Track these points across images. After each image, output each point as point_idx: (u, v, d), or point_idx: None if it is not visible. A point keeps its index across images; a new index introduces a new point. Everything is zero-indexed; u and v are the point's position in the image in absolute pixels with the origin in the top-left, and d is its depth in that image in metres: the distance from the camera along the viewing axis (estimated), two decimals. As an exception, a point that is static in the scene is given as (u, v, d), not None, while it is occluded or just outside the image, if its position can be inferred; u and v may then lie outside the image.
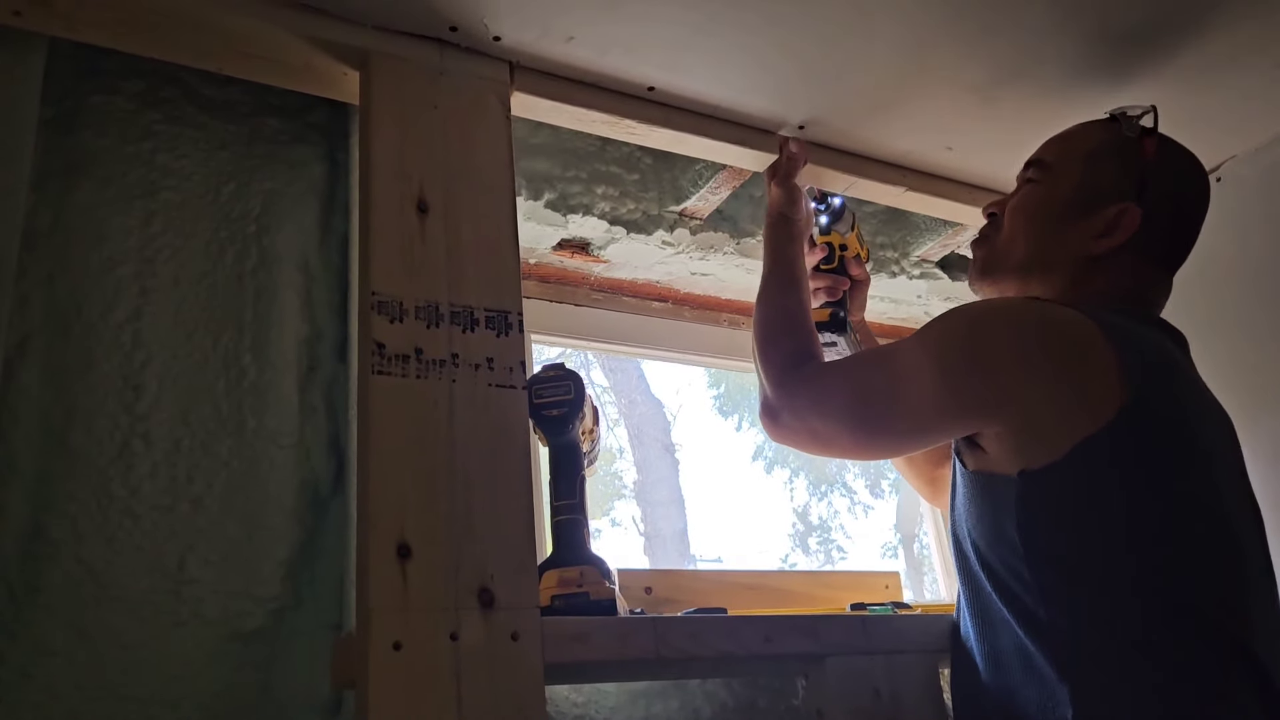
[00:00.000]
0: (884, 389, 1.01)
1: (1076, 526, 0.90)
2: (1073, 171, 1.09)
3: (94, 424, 0.99)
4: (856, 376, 1.07)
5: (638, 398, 6.82)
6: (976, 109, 1.31)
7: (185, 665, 0.95)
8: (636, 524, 6.38)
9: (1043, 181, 1.11)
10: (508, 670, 0.89)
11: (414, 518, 0.90)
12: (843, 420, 1.05)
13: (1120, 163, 1.07)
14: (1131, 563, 0.88)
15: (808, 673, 1.11)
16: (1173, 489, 0.90)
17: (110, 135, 1.10)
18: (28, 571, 0.93)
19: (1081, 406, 0.90)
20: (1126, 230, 1.04)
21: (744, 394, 7.16)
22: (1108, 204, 1.05)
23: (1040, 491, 0.91)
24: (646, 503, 6.62)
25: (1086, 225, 1.06)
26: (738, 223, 1.55)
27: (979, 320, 0.99)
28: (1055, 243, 1.08)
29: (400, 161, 1.02)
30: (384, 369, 0.94)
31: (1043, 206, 1.10)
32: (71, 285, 1.03)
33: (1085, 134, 1.12)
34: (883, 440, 1.06)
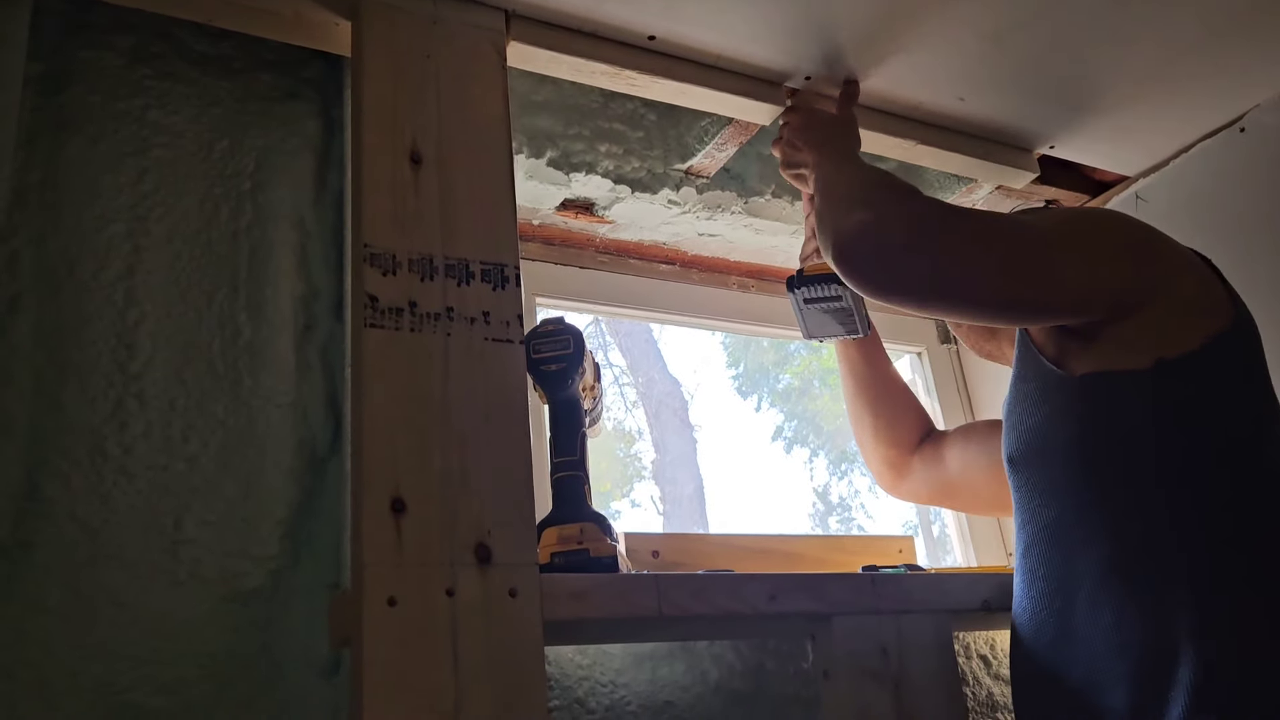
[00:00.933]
0: (1044, 251, 0.97)
1: (1207, 421, 0.91)
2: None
3: (87, 382, 0.98)
4: (1008, 230, 0.99)
5: (655, 376, 6.79)
6: (991, 56, 1.27)
7: (183, 625, 0.94)
8: (655, 504, 6.38)
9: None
10: (506, 627, 0.87)
11: (408, 472, 0.88)
12: (983, 268, 0.96)
13: None
14: (1261, 458, 0.91)
15: (815, 633, 1.08)
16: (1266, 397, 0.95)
17: (100, 92, 1.08)
18: (22, 529, 0.91)
19: (1210, 309, 0.95)
20: None
21: (762, 373, 7.12)
22: None
23: (1177, 381, 0.92)
24: (665, 482, 6.61)
25: None
26: (745, 181, 1.51)
27: (1134, 220, 1.04)
28: None
29: (393, 112, 1.00)
30: (377, 322, 0.92)
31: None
32: (63, 243, 1.01)
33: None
34: (1017, 306, 0.98)
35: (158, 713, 0.91)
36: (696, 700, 1.16)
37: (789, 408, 7.13)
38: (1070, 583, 0.95)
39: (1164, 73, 1.33)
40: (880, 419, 1.38)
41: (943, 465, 1.36)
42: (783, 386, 7.20)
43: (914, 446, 1.38)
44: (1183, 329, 0.93)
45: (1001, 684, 1.38)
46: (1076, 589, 0.94)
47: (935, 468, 1.36)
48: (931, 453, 1.37)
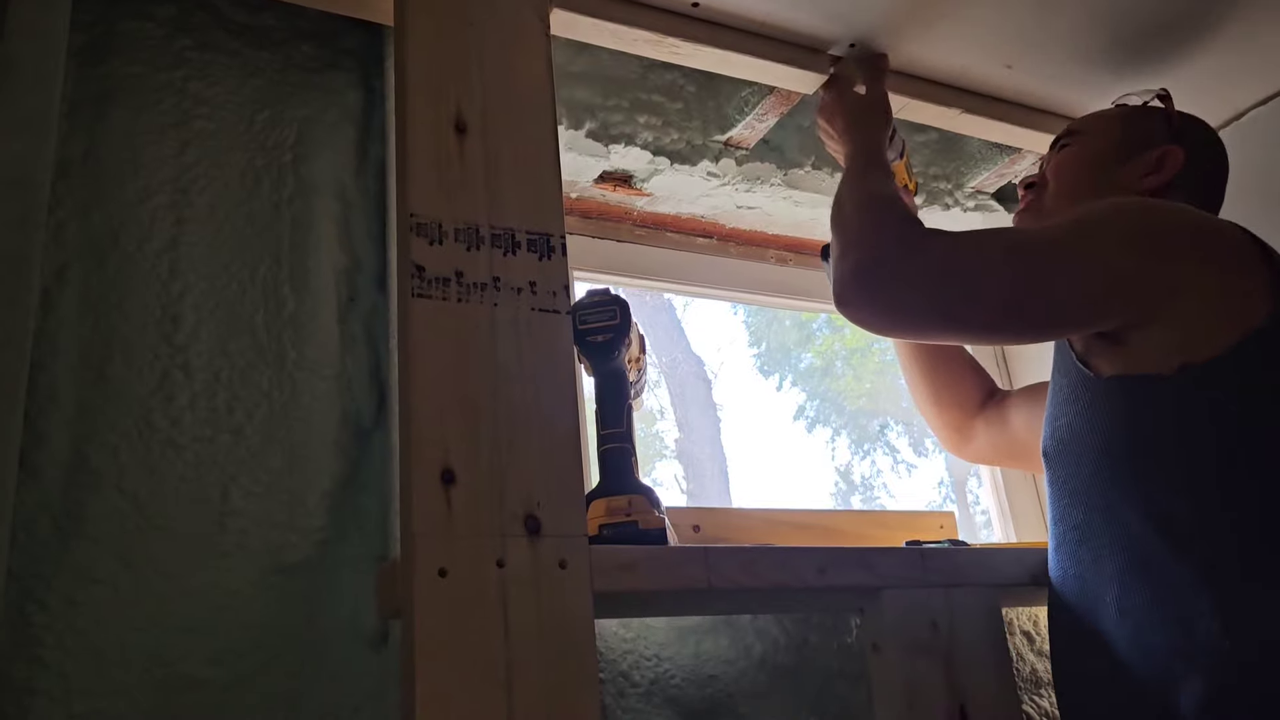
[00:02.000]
0: (1051, 260, 0.94)
1: (1236, 424, 0.88)
2: (1109, 129, 1.14)
3: (133, 354, 0.98)
4: (1014, 244, 0.97)
5: (679, 356, 6.79)
6: (1038, 20, 1.24)
7: (230, 596, 0.94)
8: (679, 483, 6.39)
9: (1079, 144, 1.14)
10: (556, 598, 0.86)
11: (457, 443, 0.87)
12: (987, 288, 0.95)
13: (1151, 120, 1.14)
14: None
15: (863, 607, 1.07)
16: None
17: (141, 63, 1.08)
18: (71, 501, 0.92)
19: (1242, 304, 0.89)
20: (1171, 169, 1.07)
21: (784, 353, 7.10)
22: (1149, 149, 1.09)
23: (1202, 387, 0.88)
24: (689, 461, 6.62)
25: (1134, 166, 1.09)
26: (785, 152, 1.49)
27: (1153, 209, 0.97)
28: (1112, 180, 1.09)
29: (437, 80, 0.99)
30: (424, 292, 0.91)
31: (1085, 159, 1.13)
32: (107, 215, 1.01)
33: (1113, 109, 1.19)
34: (1024, 324, 0.97)
35: (207, 683, 0.91)
36: (740, 674, 1.15)
37: (811, 387, 7.11)
38: (1098, 586, 0.94)
39: (1212, 40, 1.30)
40: (938, 382, 1.36)
41: (1007, 426, 1.33)
42: (805, 366, 7.19)
43: (977, 408, 1.35)
44: (1210, 330, 0.89)
45: (1045, 660, 1.37)
46: (1104, 593, 0.93)
47: (1000, 429, 1.33)
48: (995, 414, 1.34)
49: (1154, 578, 0.88)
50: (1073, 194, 1.11)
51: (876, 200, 1.04)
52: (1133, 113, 1.16)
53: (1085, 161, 1.13)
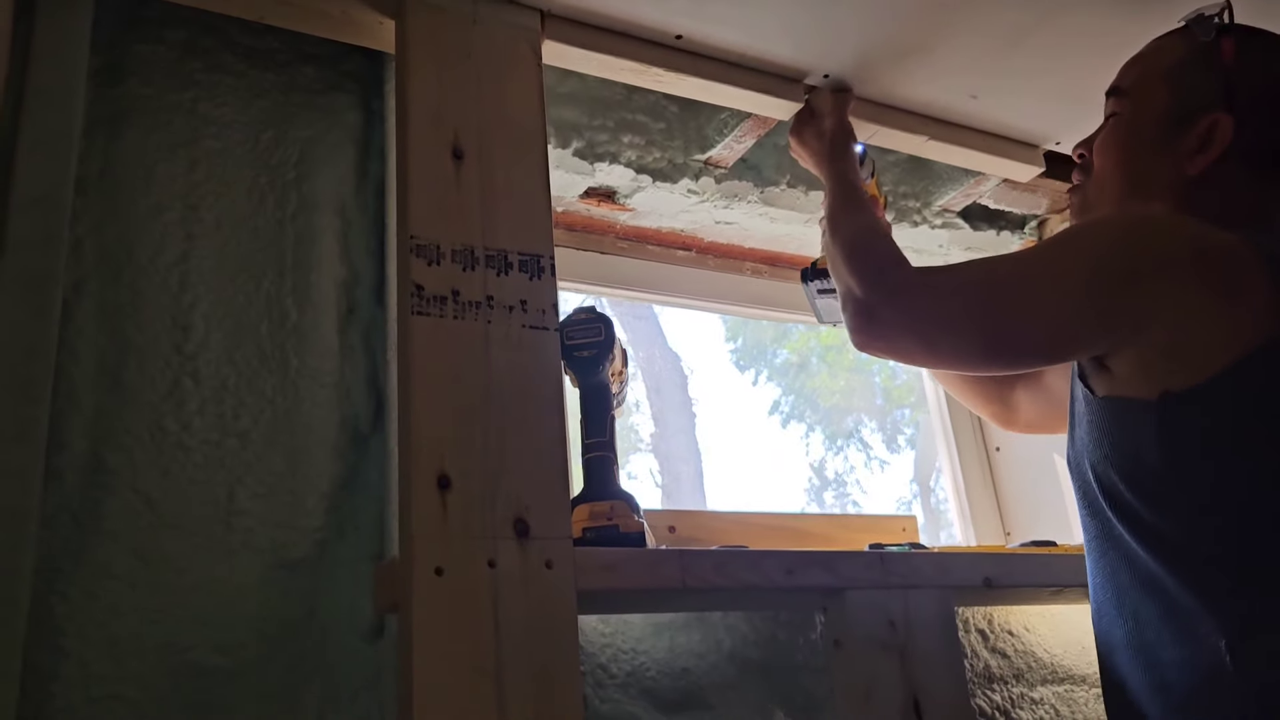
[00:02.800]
0: (1019, 296, 0.96)
1: (1220, 451, 0.87)
2: (1155, 93, 1.05)
3: (146, 362, 1.04)
4: (986, 279, 1.00)
5: (656, 351, 6.87)
6: (1003, 55, 1.32)
7: (237, 590, 1.01)
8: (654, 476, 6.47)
9: (1125, 111, 1.07)
10: (543, 596, 0.94)
11: (453, 451, 0.95)
12: (965, 327, 0.98)
13: (1202, 72, 1.02)
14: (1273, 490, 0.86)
15: (827, 606, 1.15)
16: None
17: (154, 84, 1.13)
18: (89, 500, 0.98)
19: (1230, 330, 0.87)
20: (1221, 142, 0.99)
21: (760, 348, 7.19)
22: (1197, 118, 1.00)
23: (1184, 414, 0.88)
24: (664, 456, 6.70)
25: (1180, 145, 1.01)
26: (762, 171, 1.57)
27: (1132, 230, 0.95)
28: (1152, 170, 1.04)
29: (436, 109, 1.05)
30: (423, 310, 0.98)
31: (1131, 136, 1.06)
32: (121, 230, 1.07)
33: (1161, 50, 1.07)
34: (1008, 354, 1.00)
35: (216, 671, 0.98)
36: (711, 668, 1.23)
37: (786, 383, 7.21)
38: (1118, 597, 0.96)
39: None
40: None
41: (1048, 391, 1.33)
42: (780, 361, 7.28)
43: (1013, 378, 1.36)
44: (1193, 356, 0.87)
45: (998, 657, 1.46)
46: (1123, 604, 0.95)
47: (1042, 394, 1.34)
48: (1033, 380, 1.35)
49: (1160, 594, 0.90)
50: (1113, 184, 1.07)
51: (859, 244, 1.10)
52: (1184, 64, 1.04)
53: (1127, 144, 1.06)
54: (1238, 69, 1.01)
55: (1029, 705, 1.44)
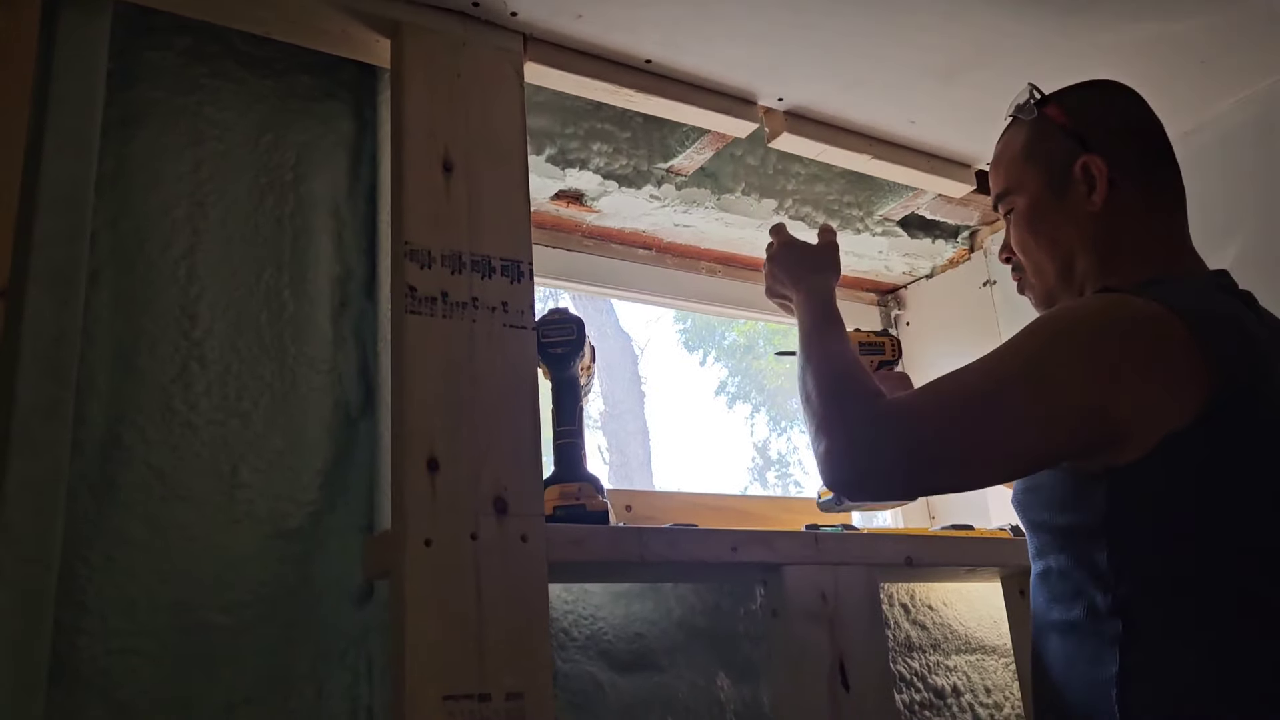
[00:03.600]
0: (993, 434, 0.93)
1: (1161, 520, 0.90)
2: (1027, 175, 1.10)
3: (157, 348, 1.14)
4: (955, 409, 0.95)
5: (608, 330, 6.99)
6: (938, 89, 1.46)
7: (240, 556, 1.12)
8: (602, 454, 6.60)
9: (1016, 204, 1.11)
10: (518, 565, 1.06)
11: (441, 437, 1.06)
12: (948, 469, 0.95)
13: (1050, 139, 1.08)
14: (1207, 555, 0.89)
15: (766, 579, 1.29)
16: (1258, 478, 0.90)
17: (163, 88, 1.22)
18: (106, 474, 1.08)
19: (1168, 402, 0.89)
20: (1102, 174, 1.03)
21: (709, 330, 7.34)
22: (1070, 170, 1.05)
23: (1128, 487, 0.91)
24: (613, 434, 6.84)
25: (1072, 199, 1.06)
26: (719, 180, 1.70)
27: (1059, 334, 0.95)
28: (1067, 234, 1.07)
29: (429, 125, 1.16)
30: (416, 309, 1.09)
31: (1034, 220, 1.09)
32: (134, 225, 1.16)
33: (1008, 145, 1.14)
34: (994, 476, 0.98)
35: (222, 628, 1.09)
36: (662, 633, 1.36)
37: (733, 364, 7.38)
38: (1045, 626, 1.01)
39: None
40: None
41: None
42: (728, 343, 7.44)
43: None
44: (1139, 435, 0.89)
45: (918, 628, 1.61)
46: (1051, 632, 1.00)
47: None
48: None
49: (1079, 636, 0.95)
50: (1044, 264, 1.10)
51: (837, 379, 1.04)
52: (1032, 143, 1.10)
53: (1033, 225, 1.10)
54: (1073, 120, 1.08)
55: (944, 671, 1.60)
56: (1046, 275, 1.10)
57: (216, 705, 1.07)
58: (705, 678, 1.37)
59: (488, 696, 1.00)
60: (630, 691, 1.30)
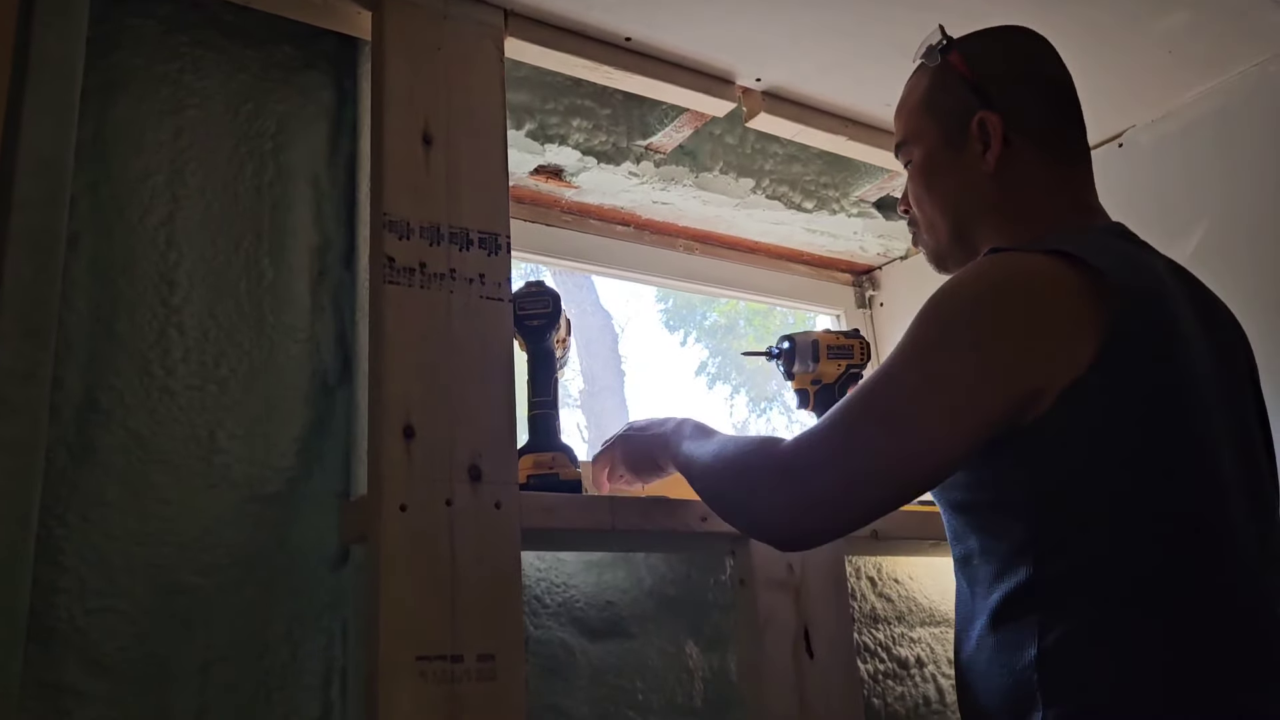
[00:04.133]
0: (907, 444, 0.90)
1: (1066, 487, 0.88)
2: (925, 127, 1.08)
3: (135, 313, 1.15)
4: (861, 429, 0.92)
5: (588, 307, 7.00)
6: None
7: (216, 520, 1.13)
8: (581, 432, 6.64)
9: (913, 156, 1.10)
10: (492, 531, 1.08)
11: (418, 405, 1.08)
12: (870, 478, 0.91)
13: (949, 90, 1.06)
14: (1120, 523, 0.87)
15: (735, 550, 1.32)
16: (1154, 427, 0.88)
17: (144, 55, 1.23)
18: (83, 436, 1.09)
19: (1058, 357, 0.87)
20: (996, 132, 1.02)
21: (690, 310, 7.37)
22: (967, 126, 1.04)
23: (1030, 451, 0.89)
24: (592, 412, 6.87)
25: (968, 156, 1.04)
26: (697, 158, 1.71)
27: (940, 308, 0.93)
28: (962, 191, 1.06)
29: (409, 98, 1.17)
30: (394, 279, 1.11)
31: (928, 174, 1.09)
32: (113, 191, 1.17)
33: (911, 91, 1.12)
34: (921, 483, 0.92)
35: (197, 589, 1.11)
36: (633, 601, 1.39)
37: (714, 344, 7.41)
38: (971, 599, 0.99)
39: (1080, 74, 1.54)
40: None
41: None
42: (709, 324, 7.47)
43: None
44: (1037, 394, 0.87)
45: (884, 600, 1.65)
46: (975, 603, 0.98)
47: None
48: None
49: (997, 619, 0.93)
50: (937, 220, 1.10)
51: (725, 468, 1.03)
52: (932, 92, 1.08)
53: (927, 179, 1.09)
54: (974, 71, 1.05)
55: (908, 643, 1.64)
56: (939, 232, 1.10)
57: (192, 665, 1.08)
58: (675, 645, 1.40)
59: (460, 658, 1.02)
60: (601, 658, 1.33)
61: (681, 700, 1.37)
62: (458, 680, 1.01)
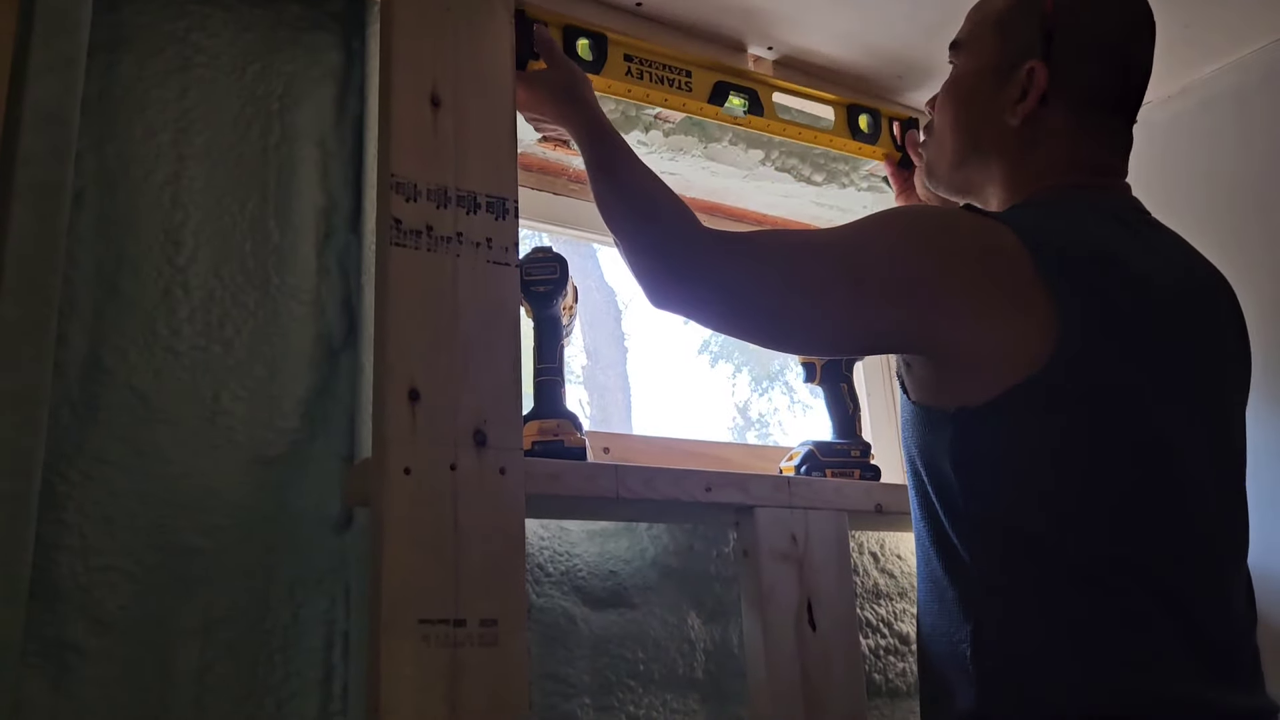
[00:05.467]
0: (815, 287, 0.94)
1: (1006, 471, 0.88)
2: (986, 43, 1.05)
3: (140, 271, 1.14)
4: (787, 267, 0.96)
5: (591, 284, 6.99)
6: (925, 44, 1.46)
7: (220, 481, 1.13)
8: (584, 408, 6.64)
9: (960, 65, 1.07)
10: (496, 497, 1.08)
11: (423, 368, 1.07)
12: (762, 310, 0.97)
13: (1026, 18, 1.01)
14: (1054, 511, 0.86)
15: (739, 521, 1.32)
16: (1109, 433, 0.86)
17: (150, 13, 1.21)
18: (87, 394, 1.09)
19: (1015, 348, 0.86)
20: (1038, 89, 0.99)
21: (695, 289, 7.37)
22: (1019, 66, 1.00)
23: (976, 431, 0.88)
24: (595, 388, 6.87)
25: (1004, 95, 1.01)
26: (706, 128, 1.69)
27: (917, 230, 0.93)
28: (985, 124, 1.04)
29: (417, 59, 1.16)
30: (400, 241, 1.10)
31: (963, 91, 1.06)
32: (119, 149, 1.16)
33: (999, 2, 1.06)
34: (793, 342, 1.03)
35: (200, 550, 1.10)
36: (635, 571, 1.39)
37: (717, 324, 7.41)
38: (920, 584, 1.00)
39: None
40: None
41: None
42: (712, 303, 7.47)
43: None
44: (989, 373, 0.86)
45: (886, 576, 1.65)
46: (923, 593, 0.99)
47: None
48: None
49: (939, 592, 0.94)
50: (950, 144, 1.08)
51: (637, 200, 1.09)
52: (1011, 12, 1.03)
53: (960, 94, 1.06)
54: (1056, 14, 0.99)
55: (909, 619, 1.64)
56: (945, 148, 1.09)
57: (194, 625, 1.08)
58: (677, 616, 1.40)
59: (462, 622, 1.02)
60: (603, 627, 1.33)
61: (683, 671, 1.37)
62: (460, 644, 1.01)
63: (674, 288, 1.02)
